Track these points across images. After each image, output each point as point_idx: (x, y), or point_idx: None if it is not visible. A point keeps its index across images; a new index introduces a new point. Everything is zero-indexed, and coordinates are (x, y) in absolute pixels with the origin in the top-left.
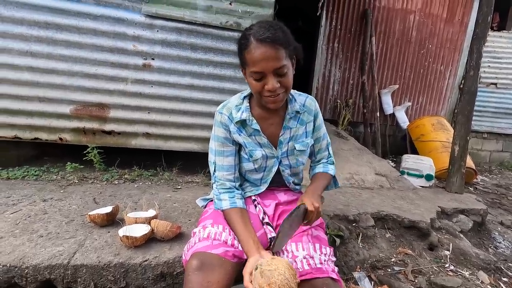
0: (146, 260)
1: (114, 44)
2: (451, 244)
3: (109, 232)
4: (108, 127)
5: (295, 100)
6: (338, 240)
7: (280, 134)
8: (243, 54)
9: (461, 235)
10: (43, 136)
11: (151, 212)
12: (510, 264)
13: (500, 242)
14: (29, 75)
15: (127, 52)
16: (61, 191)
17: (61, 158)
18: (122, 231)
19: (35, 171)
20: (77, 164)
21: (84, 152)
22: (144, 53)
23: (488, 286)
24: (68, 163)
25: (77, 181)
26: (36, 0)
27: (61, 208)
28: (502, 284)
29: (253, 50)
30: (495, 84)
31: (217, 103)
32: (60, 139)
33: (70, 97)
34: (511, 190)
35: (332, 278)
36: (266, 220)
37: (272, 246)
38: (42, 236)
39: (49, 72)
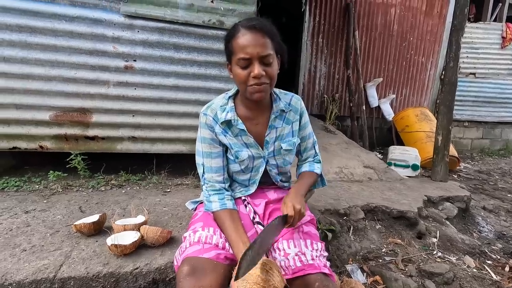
0: (137, 268)
1: (93, 46)
2: (438, 231)
3: (97, 241)
4: (91, 132)
5: (280, 99)
6: (330, 235)
7: (266, 134)
8: (230, 43)
9: (447, 222)
10: (22, 145)
11: (140, 218)
12: (493, 247)
13: (483, 227)
14: (3, 81)
15: (107, 54)
16: (44, 201)
17: (43, 166)
18: (110, 240)
19: (16, 182)
20: (60, 172)
21: (67, 159)
22: (125, 54)
23: (474, 270)
24: (51, 171)
25: (61, 190)
26: (5, 2)
27: (45, 219)
28: (487, 267)
29: (241, 37)
30: (474, 74)
31: (203, 103)
32: (41, 147)
33: (49, 103)
34: (492, 175)
35: (324, 273)
36: (257, 219)
37: (236, 276)
38: (25, 250)
39: (24, 77)
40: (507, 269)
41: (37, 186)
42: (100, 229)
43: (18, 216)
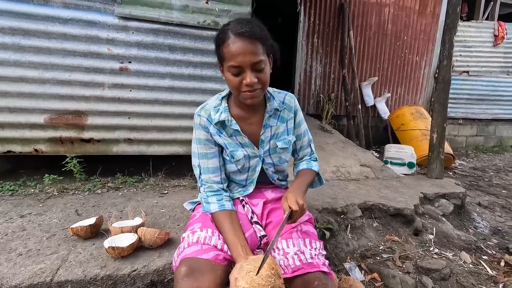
0: (134, 270)
1: (87, 48)
2: (434, 228)
3: (94, 244)
4: (87, 134)
5: (273, 98)
6: (327, 233)
7: (260, 133)
8: (220, 49)
9: (443, 219)
10: (17, 148)
11: (137, 220)
12: (489, 242)
13: (479, 223)
14: None
15: (101, 56)
16: (40, 205)
17: (38, 170)
18: (107, 242)
19: (11, 186)
20: (56, 176)
21: (63, 162)
22: (120, 56)
23: (470, 265)
24: (46, 175)
25: (57, 194)
26: None
27: (41, 223)
28: (482, 262)
29: (231, 44)
30: (467, 72)
31: (199, 104)
32: (36, 150)
33: (44, 106)
34: (487, 172)
35: (323, 272)
36: (255, 219)
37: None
38: (21, 255)
39: (18, 80)
40: (502, 264)
41: (33, 190)
42: (97, 232)
43: (13, 220)
